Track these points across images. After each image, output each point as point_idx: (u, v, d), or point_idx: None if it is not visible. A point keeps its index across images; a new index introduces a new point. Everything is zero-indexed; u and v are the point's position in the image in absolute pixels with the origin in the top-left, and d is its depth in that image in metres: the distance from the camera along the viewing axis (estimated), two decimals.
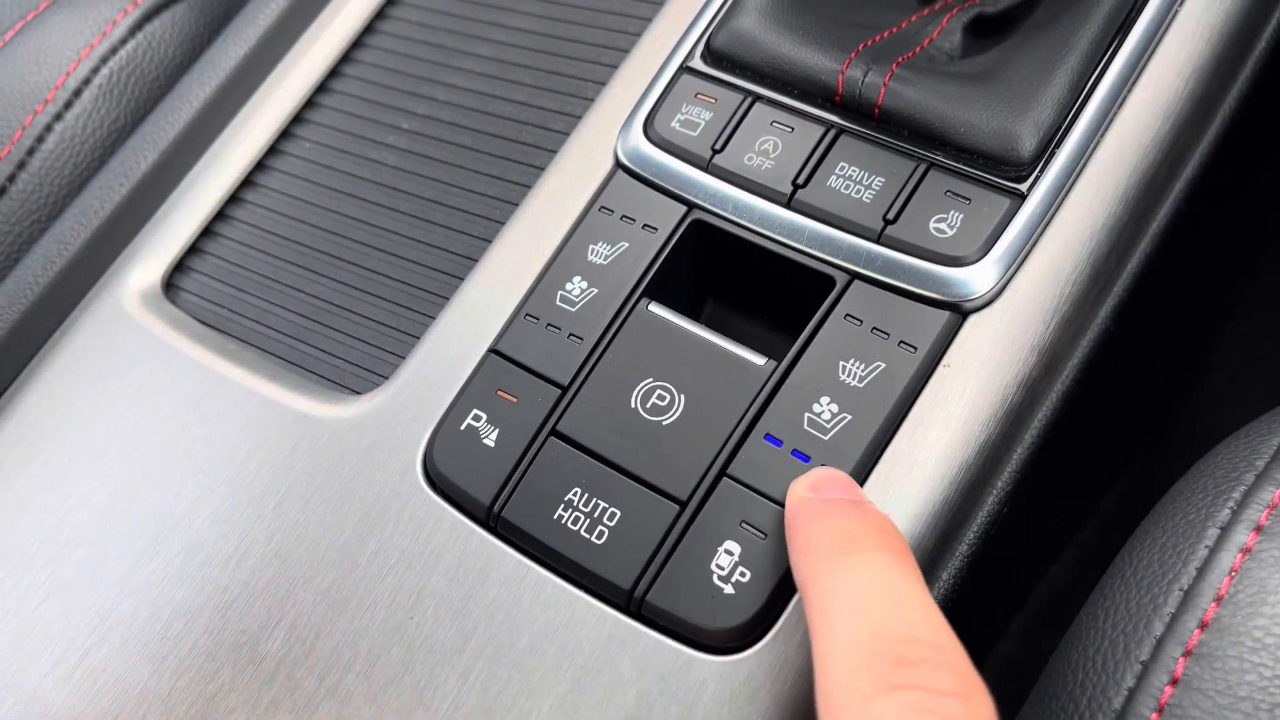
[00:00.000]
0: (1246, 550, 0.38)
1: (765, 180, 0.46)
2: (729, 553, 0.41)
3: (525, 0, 0.58)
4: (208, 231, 0.57)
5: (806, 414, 0.42)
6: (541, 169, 0.52)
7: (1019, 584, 0.73)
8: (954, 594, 0.42)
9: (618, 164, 0.49)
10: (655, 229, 0.47)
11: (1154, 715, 0.36)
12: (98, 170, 0.62)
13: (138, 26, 0.66)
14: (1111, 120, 0.45)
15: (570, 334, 0.46)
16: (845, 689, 0.32)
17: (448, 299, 0.50)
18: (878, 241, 0.44)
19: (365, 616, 0.44)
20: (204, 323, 0.54)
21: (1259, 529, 0.39)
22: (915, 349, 0.43)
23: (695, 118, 0.48)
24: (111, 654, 0.45)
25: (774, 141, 0.47)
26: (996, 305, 0.43)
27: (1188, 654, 0.37)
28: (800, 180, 0.46)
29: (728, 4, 0.50)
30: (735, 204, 0.46)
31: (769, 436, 0.42)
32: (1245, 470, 0.41)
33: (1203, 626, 0.37)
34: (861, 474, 0.41)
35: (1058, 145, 0.45)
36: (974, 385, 0.42)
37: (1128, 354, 0.52)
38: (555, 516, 0.43)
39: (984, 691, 0.32)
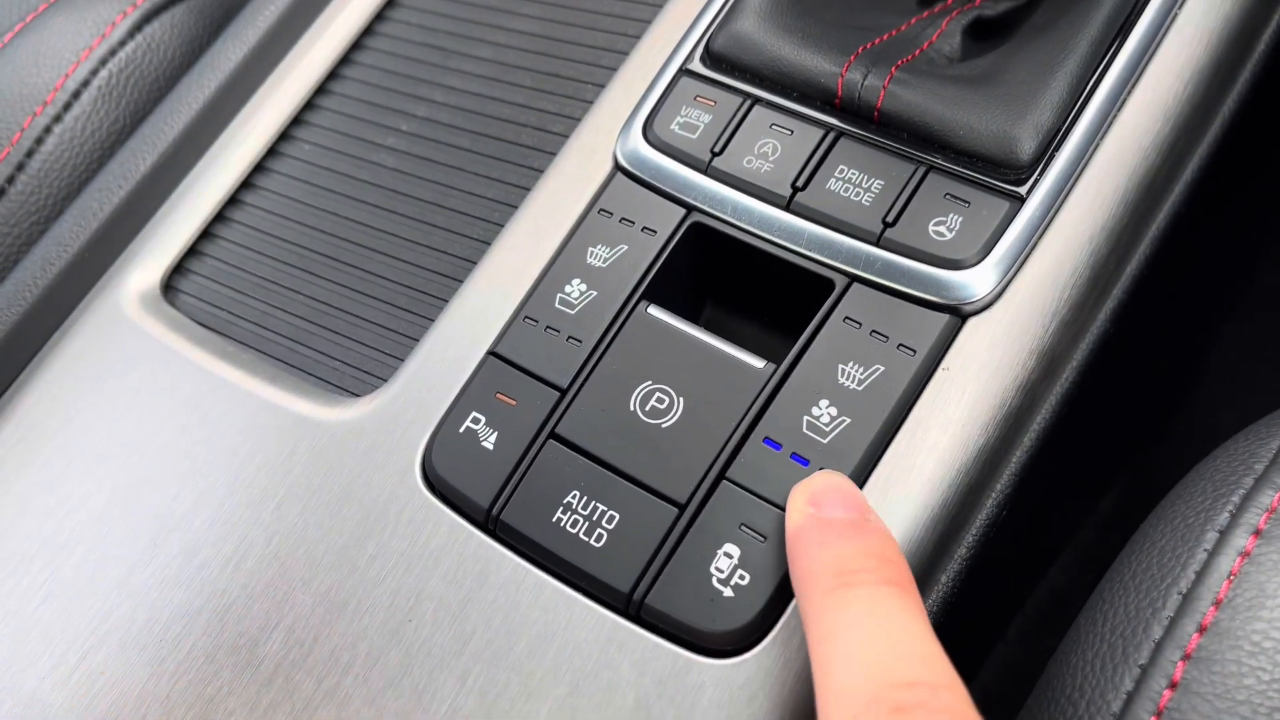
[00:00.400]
0: (1245, 554, 0.38)
1: (764, 183, 0.46)
2: (728, 555, 0.41)
3: (525, 2, 0.58)
4: (206, 233, 0.57)
5: (805, 417, 0.42)
6: (541, 171, 0.52)
7: (1018, 586, 0.72)
8: (953, 597, 0.42)
9: (617, 166, 0.49)
10: (654, 231, 0.47)
11: (1152, 719, 0.36)
12: (97, 172, 0.62)
13: (137, 28, 0.66)
14: (1111, 123, 0.45)
15: (569, 337, 0.46)
16: None
17: (447, 301, 0.50)
18: (877, 244, 0.44)
19: (364, 619, 0.44)
20: (203, 325, 0.54)
21: (1258, 533, 0.39)
22: (914, 352, 0.43)
23: (694, 120, 0.48)
24: (110, 656, 0.45)
25: (773, 144, 0.47)
26: (996, 308, 0.43)
27: (1186, 658, 0.37)
28: (799, 183, 0.46)
29: (727, 6, 0.50)
30: (734, 206, 0.46)
31: (768, 440, 0.42)
32: (1244, 474, 0.41)
33: (1201, 630, 0.37)
34: (860, 477, 0.41)
35: (1057, 148, 0.45)
36: (973, 388, 0.42)
37: (1127, 356, 0.52)
38: (554, 519, 0.43)
39: None
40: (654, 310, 0.45)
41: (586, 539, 0.42)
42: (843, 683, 0.33)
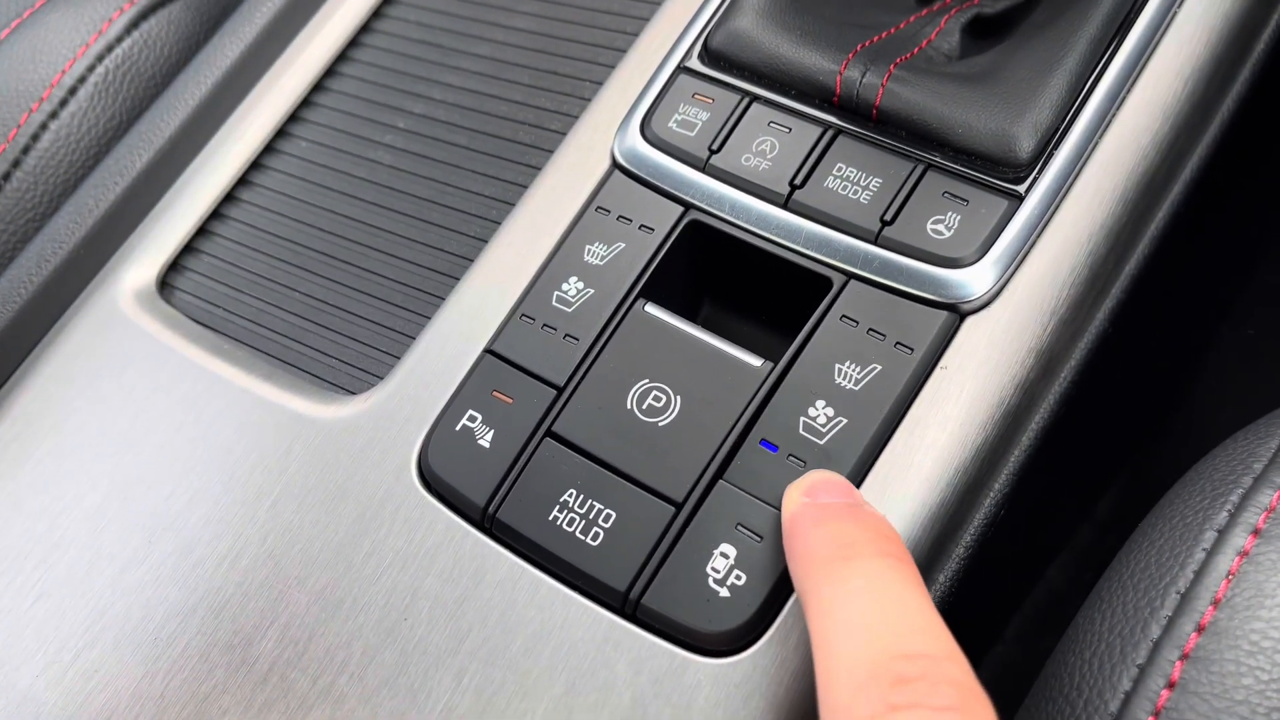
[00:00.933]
0: (1244, 553, 0.38)
1: (762, 181, 0.46)
2: (725, 555, 0.41)
3: (523, 0, 0.58)
4: (203, 230, 0.56)
5: (802, 418, 0.42)
6: (538, 169, 0.52)
7: (1016, 586, 0.72)
8: (951, 597, 0.42)
9: (614, 164, 0.49)
10: (652, 229, 0.47)
11: (1150, 719, 0.36)
12: (93, 168, 0.61)
13: (134, 24, 0.65)
14: (1110, 121, 0.45)
15: (566, 335, 0.46)
16: (845, 712, 0.31)
17: (443, 299, 0.50)
18: (875, 242, 0.44)
19: (359, 618, 0.43)
20: (199, 322, 0.54)
21: (1256, 532, 0.38)
22: (912, 351, 0.42)
23: (692, 118, 0.48)
24: (104, 655, 0.45)
25: (771, 142, 0.47)
26: (994, 307, 0.43)
27: (1184, 657, 0.37)
28: (797, 181, 0.46)
29: (725, 4, 0.50)
30: (732, 204, 0.46)
31: (765, 441, 0.42)
32: (1243, 473, 0.41)
33: (1199, 630, 0.37)
34: (857, 478, 0.41)
35: (1056, 146, 0.44)
36: (971, 387, 0.42)
37: (1125, 356, 0.52)
38: (550, 518, 0.43)
39: (983, 700, 0.31)
40: (651, 308, 0.45)
41: (583, 538, 0.42)
42: (844, 655, 0.33)
